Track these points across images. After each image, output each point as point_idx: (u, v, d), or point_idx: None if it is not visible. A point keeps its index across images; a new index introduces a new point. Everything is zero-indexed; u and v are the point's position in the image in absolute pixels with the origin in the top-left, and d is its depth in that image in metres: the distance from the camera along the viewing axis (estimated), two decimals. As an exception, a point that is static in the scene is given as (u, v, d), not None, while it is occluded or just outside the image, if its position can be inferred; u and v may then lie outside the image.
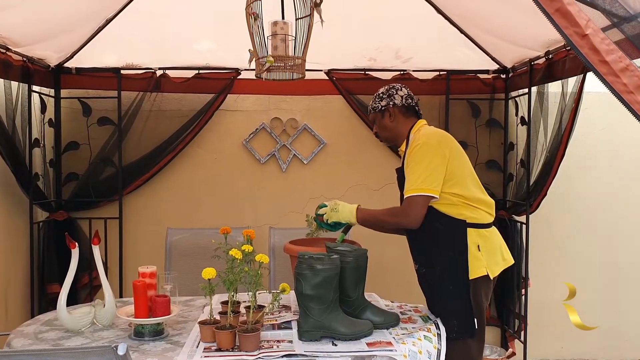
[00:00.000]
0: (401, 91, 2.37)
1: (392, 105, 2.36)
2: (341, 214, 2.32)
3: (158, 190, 3.84)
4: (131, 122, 3.72)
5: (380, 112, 2.38)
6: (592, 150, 3.89)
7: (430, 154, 2.19)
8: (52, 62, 3.57)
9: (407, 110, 2.37)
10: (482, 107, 3.83)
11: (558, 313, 3.85)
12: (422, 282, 2.34)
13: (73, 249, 2.14)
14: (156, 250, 3.62)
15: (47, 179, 3.61)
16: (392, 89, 2.39)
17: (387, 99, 2.37)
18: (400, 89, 2.38)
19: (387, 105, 2.36)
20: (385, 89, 2.40)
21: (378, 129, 2.44)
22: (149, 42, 3.55)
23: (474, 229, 2.23)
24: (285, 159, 3.88)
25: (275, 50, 2.20)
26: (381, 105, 2.37)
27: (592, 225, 3.98)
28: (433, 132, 2.29)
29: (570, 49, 2.83)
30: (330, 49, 3.35)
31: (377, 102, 2.40)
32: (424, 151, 2.20)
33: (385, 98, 2.37)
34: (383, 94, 2.39)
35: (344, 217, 2.32)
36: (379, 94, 2.40)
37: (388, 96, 2.37)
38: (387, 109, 2.36)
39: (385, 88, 2.40)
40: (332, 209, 2.34)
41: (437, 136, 2.26)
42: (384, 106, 2.37)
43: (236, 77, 3.71)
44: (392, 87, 2.39)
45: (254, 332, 1.88)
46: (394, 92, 2.37)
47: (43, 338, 2.05)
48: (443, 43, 3.52)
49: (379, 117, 2.40)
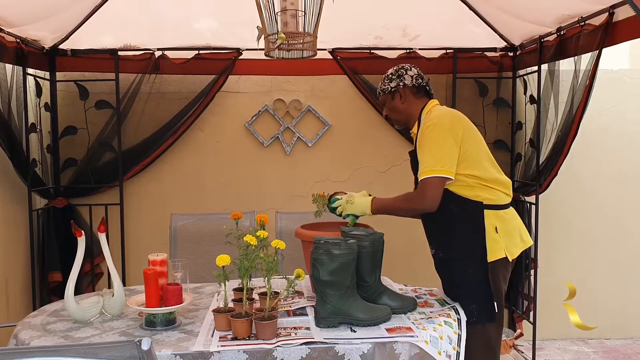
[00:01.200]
0: (411, 71, 2.29)
1: (402, 86, 2.27)
2: (357, 206, 2.26)
3: (159, 175, 3.76)
4: (130, 105, 3.62)
5: (390, 93, 2.30)
6: (600, 128, 3.84)
7: (443, 134, 2.12)
8: (47, 43, 3.45)
9: (418, 91, 2.29)
10: (489, 86, 3.75)
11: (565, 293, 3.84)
12: (439, 267, 2.29)
13: (79, 237, 2.06)
14: (159, 237, 3.56)
15: (45, 165, 3.51)
16: (401, 69, 2.30)
17: (396, 79, 2.28)
18: (409, 69, 2.30)
19: (397, 87, 2.28)
20: (394, 69, 2.31)
21: (388, 112, 2.36)
22: (147, 21, 3.44)
23: (492, 210, 2.17)
24: (289, 142, 3.80)
25: (285, 27, 2.10)
26: (391, 86, 2.29)
27: (600, 204, 3.94)
28: (446, 112, 2.22)
29: (584, 24, 2.78)
30: (334, 27, 3.22)
31: (386, 84, 2.31)
32: (436, 132, 2.13)
33: (394, 79, 2.29)
34: (392, 74, 2.30)
35: (360, 209, 2.26)
36: (388, 75, 2.32)
37: (398, 77, 2.29)
38: (397, 90, 2.28)
39: (394, 69, 2.32)
40: (347, 201, 2.28)
41: (449, 116, 2.19)
42: (394, 87, 2.28)
43: (238, 57, 3.61)
44: (402, 67, 2.31)
45: (271, 320, 1.82)
46: (403, 72, 2.29)
47: (51, 329, 1.98)
48: (451, 20, 3.44)
49: (389, 99, 2.32)
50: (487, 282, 2.12)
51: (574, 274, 3.92)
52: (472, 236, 2.15)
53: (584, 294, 3.60)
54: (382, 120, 3.77)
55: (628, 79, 3.87)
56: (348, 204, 2.26)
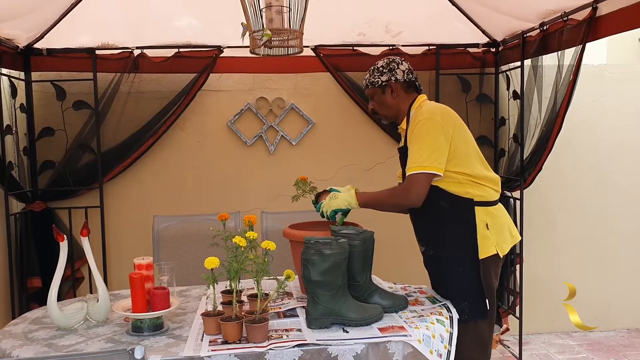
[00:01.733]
0: (402, 65, 2.25)
1: (394, 81, 2.23)
2: (341, 200, 2.20)
3: (140, 177, 3.68)
4: (109, 105, 3.53)
5: (380, 87, 2.25)
6: (581, 123, 3.88)
7: (434, 130, 2.09)
8: (21, 42, 3.34)
9: (409, 86, 2.26)
10: (472, 82, 3.76)
11: (548, 287, 3.88)
12: (429, 264, 2.28)
13: (61, 241, 1.99)
14: (141, 240, 3.49)
15: (22, 167, 3.40)
16: (392, 62, 2.25)
17: (388, 73, 2.23)
18: (401, 63, 2.26)
19: (388, 81, 2.23)
20: (385, 62, 2.25)
21: (377, 106, 2.31)
22: (126, 19, 3.35)
23: (482, 207, 2.16)
24: (273, 141, 3.76)
25: (270, 23, 2.06)
26: (382, 80, 2.23)
27: (583, 199, 3.99)
28: (436, 108, 2.19)
29: (568, 19, 2.80)
30: (317, 24, 3.18)
31: (376, 77, 2.25)
32: (427, 127, 2.10)
33: (386, 72, 2.23)
34: (383, 67, 2.24)
35: (345, 203, 2.20)
36: (378, 68, 2.26)
37: (389, 70, 2.23)
38: (388, 85, 2.24)
39: (385, 62, 2.26)
40: (330, 198, 2.23)
41: (441, 111, 2.16)
42: (385, 81, 2.23)
43: (218, 55, 3.54)
44: (393, 61, 2.25)
45: (262, 323, 1.79)
46: (395, 66, 2.24)
47: (34, 338, 1.92)
48: (433, 16, 3.42)
49: (379, 93, 2.27)
50: (478, 279, 2.12)
51: (558, 268, 3.96)
52: (463, 233, 2.13)
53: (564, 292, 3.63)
54: (367, 118, 3.75)
55: (608, 74, 3.92)
56: (332, 199, 2.21)
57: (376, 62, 2.29)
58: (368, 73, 2.28)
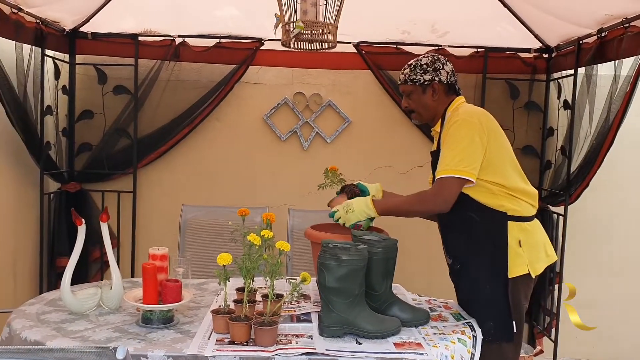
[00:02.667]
0: (447, 66, 2.12)
1: (437, 81, 2.09)
2: (357, 213, 2.08)
3: (174, 165, 3.68)
4: (148, 92, 3.55)
5: (421, 85, 2.11)
6: (635, 139, 3.61)
7: (470, 133, 1.96)
8: (67, 25, 3.39)
9: (450, 89, 2.13)
10: (521, 89, 3.57)
11: (590, 312, 3.64)
12: (455, 278, 2.15)
13: (79, 225, 1.98)
14: (170, 227, 3.48)
15: (60, 148, 3.46)
16: (437, 61, 2.11)
17: (432, 72, 2.09)
18: (446, 63, 2.12)
19: (431, 80, 2.09)
20: (430, 60, 2.11)
21: (414, 104, 2.16)
22: (169, 7, 3.35)
23: (516, 222, 2.01)
24: (307, 137, 3.68)
25: (304, 16, 1.98)
26: (424, 78, 2.09)
27: (630, 220, 3.72)
28: (475, 111, 2.06)
29: (629, 26, 2.59)
30: (360, 20, 3.11)
31: (418, 74, 2.10)
32: (464, 130, 1.97)
33: (430, 71, 2.09)
34: (428, 66, 2.10)
35: (361, 215, 2.08)
36: (422, 65, 2.10)
37: (434, 70, 2.09)
38: (431, 85, 2.10)
39: (430, 60, 2.12)
40: (345, 210, 2.09)
41: (479, 115, 2.03)
42: (428, 81, 2.09)
43: (259, 47, 3.50)
44: (438, 60, 2.12)
45: (271, 326, 1.71)
46: (440, 65, 2.10)
47: (45, 320, 1.91)
48: (483, 17, 3.26)
49: (418, 92, 2.12)
50: (506, 299, 1.97)
51: (599, 291, 3.71)
52: (494, 249, 1.99)
53: (607, 313, 3.42)
54: (406, 119, 3.62)
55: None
56: (349, 213, 2.08)
57: (419, 57, 2.16)
58: (408, 68, 2.14)
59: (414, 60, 2.14)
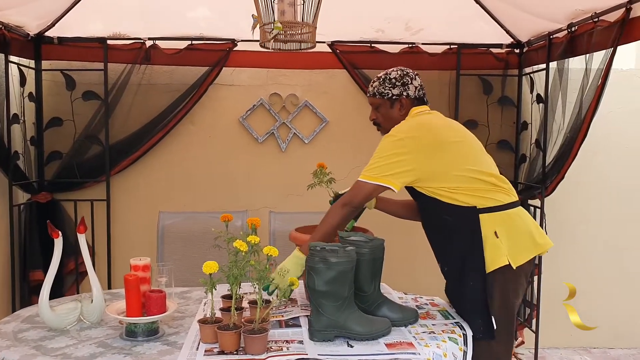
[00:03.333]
0: (415, 81, 2.12)
1: (405, 96, 2.10)
2: (293, 270, 1.95)
3: (148, 171, 3.60)
4: (119, 96, 3.45)
5: (389, 99, 2.11)
6: (607, 130, 3.70)
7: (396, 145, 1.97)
8: (31, 30, 3.28)
9: (418, 102, 2.14)
10: (494, 84, 3.60)
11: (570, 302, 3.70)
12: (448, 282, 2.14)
13: (56, 238, 1.91)
14: (147, 236, 3.40)
15: (28, 157, 3.34)
16: (406, 76, 2.11)
17: (400, 87, 2.09)
18: (414, 78, 2.12)
19: (399, 95, 2.09)
20: (399, 74, 2.11)
21: (381, 118, 2.15)
22: (138, 9, 3.26)
23: (488, 213, 1.99)
24: (285, 138, 3.65)
25: (282, 16, 1.95)
26: (392, 93, 2.09)
27: (605, 210, 3.81)
28: (407, 123, 2.05)
29: (598, 20, 2.63)
30: (334, 19, 3.06)
31: (387, 88, 2.10)
32: (387, 141, 2.01)
33: (398, 86, 2.09)
34: (396, 80, 2.10)
35: (297, 267, 1.96)
36: (391, 79, 2.10)
37: (402, 84, 2.09)
38: (399, 100, 2.10)
39: (399, 74, 2.11)
40: (282, 275, 1.87)
41: (410, 127, 2.03)
42: (396, 95, 2.09)
43: (232, 48, 3.44)
44: (407, 75, 2.12)
45: (261, 333, 1.68)
46: (408, 80, 2.10)
47: (23, 338, 1.83)
48: (455, 14, 3.28)
49: (386, 106, 2.12)
50: (484, 294, 1.97)
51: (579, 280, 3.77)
52: (470, 244, 1.98)
53: (587, 301, 3.48)
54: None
55: (638, 79, 3.73)
56: (285, 276, 1.88)
57: (388, 71, 2.15)
58: (377, 81, 2.14)
59: (384, 74, 2.14)
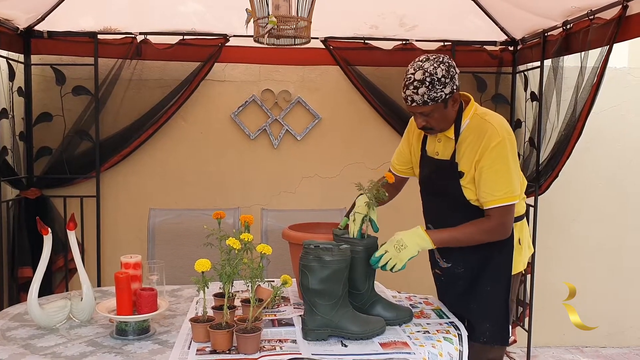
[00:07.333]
0: (455, 68, 1.87)
1: (456, 90, 1.85)
2: (411, 248, 1.84)
3: (139, 167, 3.55)
4: (109, 92, 3.41)
5: (444, 102, 1.83)
6: (601, 129, 3.70)
7: (513, 151, 1.89)
8: (20, 24, 3.22)
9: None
10: (488, 81, 3.60)
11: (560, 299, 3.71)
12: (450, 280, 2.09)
13: (45, 235, 1.87)
14: (137, 233, 3.37)
15: (17, 153, 3.29)
16: (451, 68, 1.83)
17: (450, 83, 1.82)
18: (453, 65, 1.86)
19: (452, 92, 1.83)
20: (445, 70, 1.81)
21: (434, 122, 1.89)
22: (129, 3, 3.23)
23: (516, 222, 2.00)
24: (277, 135, 3.62)
25: (277, 10, 1.92)
26: (445, 93, 1.81)
27: (599, 208, 3.82)
28: (502, 122, 1.92)
29: (594, 18, 2.63)
30: (327, 15, 3.03)
31: (438, 91, 1.79)
32: (508, 149, 1.86)
33: (448, 83, 1.81)
34: (445, 77, 1.80)
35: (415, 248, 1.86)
36: (440, 80, 1.79)
37: (451, 79, 1.82)
38: (452, 96, 1.84)
39: (444, 69, 1.80)
40: (397, 249, 1.83)
41: (507, 126, 1.92)
42: (449, 94, 1.83)
43: (224, 44, 3.40)
44: (450, 66, 1.83)
45: (254, 333, 1.65)
46: (454, 72, 1.84)
47: (11, 337, 1.80)
48: (450, 11, 3.26)
49: (440, 108, 1.84)
50: (506, 301, 1.96)
51: (571, 279, 3.76)
52: (500, 251, 1.96)
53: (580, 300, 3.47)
54: (376, 115, 3.60)
55: (632, 78, 3.74)
56: (401, 251, 1.83)
57: (427, 69, 1.80)
58: (423, 86, 1.79)
59: (427, 75, 1.80)
